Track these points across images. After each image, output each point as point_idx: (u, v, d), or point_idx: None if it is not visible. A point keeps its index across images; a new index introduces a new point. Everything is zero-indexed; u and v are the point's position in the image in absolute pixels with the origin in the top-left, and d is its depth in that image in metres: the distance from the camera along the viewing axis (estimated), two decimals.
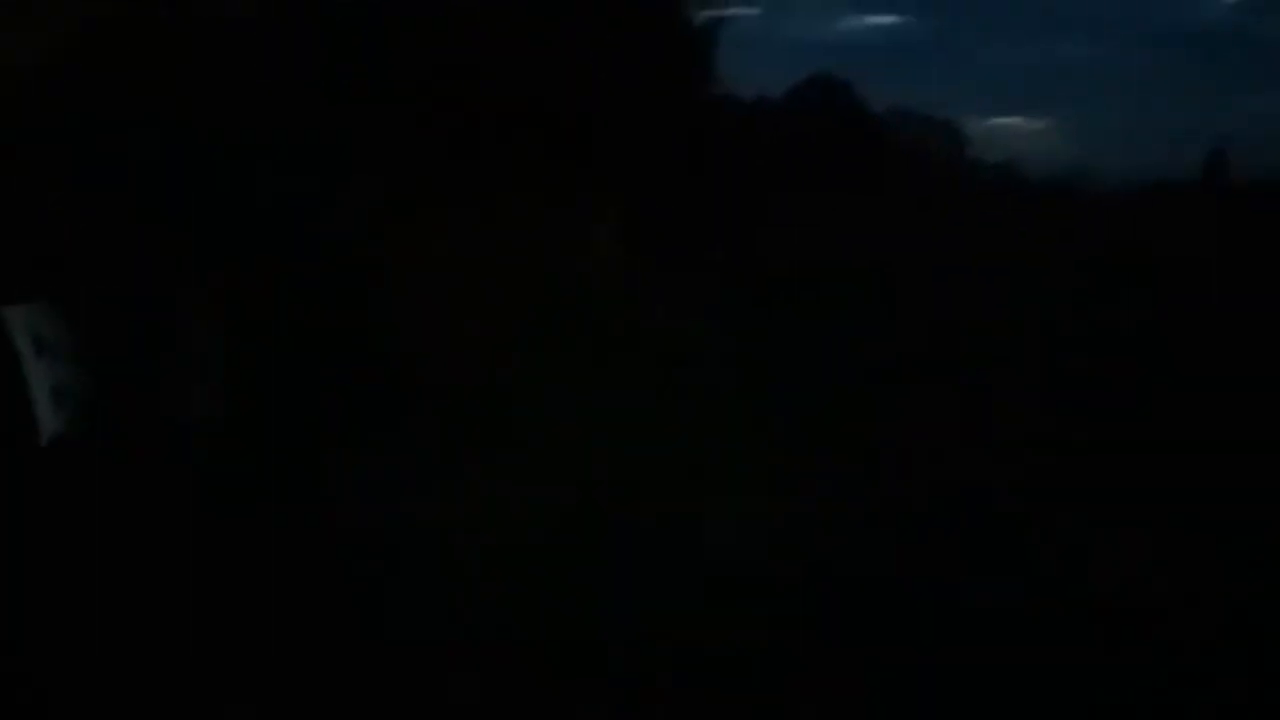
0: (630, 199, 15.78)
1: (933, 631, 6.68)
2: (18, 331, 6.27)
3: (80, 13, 8.60)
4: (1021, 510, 8.97)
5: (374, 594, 6.80)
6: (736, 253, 16.44)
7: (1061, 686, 6.11)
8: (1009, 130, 30.07)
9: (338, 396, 8.82)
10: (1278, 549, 8.00)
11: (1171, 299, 17.51)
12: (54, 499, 6.27)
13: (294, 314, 8.86)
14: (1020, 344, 14.71)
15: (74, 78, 8.18)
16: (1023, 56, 30.74)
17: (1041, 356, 14.29)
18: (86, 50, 8.42)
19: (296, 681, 5.78)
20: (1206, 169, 23.25)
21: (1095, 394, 13.15)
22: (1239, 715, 5.96)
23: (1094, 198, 22.66)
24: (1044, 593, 7.30)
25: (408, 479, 8.31)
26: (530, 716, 5.80)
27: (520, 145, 14.04)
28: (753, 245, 17.16)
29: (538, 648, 6.33)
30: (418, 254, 10.98)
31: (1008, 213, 19.78)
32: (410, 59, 12.61)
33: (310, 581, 6.73)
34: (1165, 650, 6.56)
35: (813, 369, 13.42)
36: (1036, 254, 18.79)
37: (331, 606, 6.54)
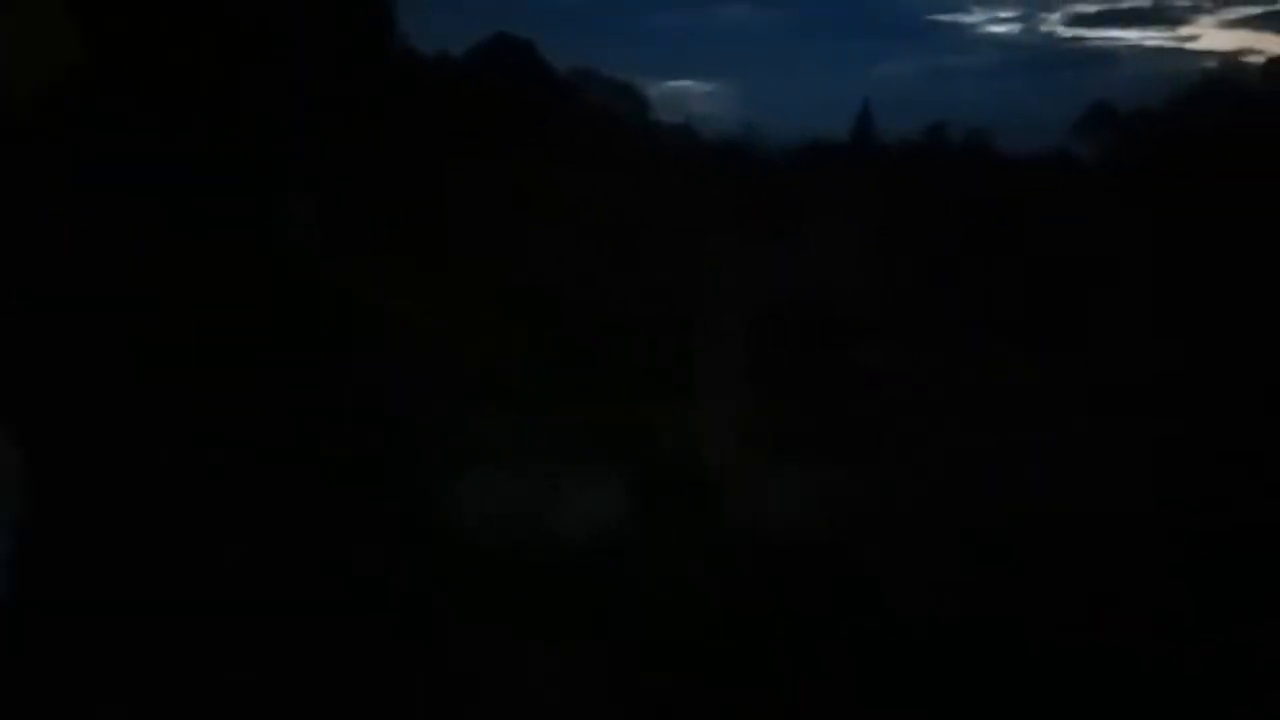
0: (320, 168, 15.23)
1: None
2: None
3: None
4: None
5: None
6: (432, 219, 16.16)
7: None
8: (683, 93, 30.65)
9: None
10: None
11: (837, 250, 18.52)
12: None
13: None
14: (723, 300, 15.17)
15: None
16: (690, 19, 31.51)
17: (744, 315, 14.77)
18: None
19: None
20: (855, 128, 24.72)
21: (783, 349, 13.70)
22: None
23: (762, 157, 23.70)
24: None
25: None
26: None
27: (201, 123, 13.46)
28: (446, 210, 16.90)
29: None
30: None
31: (691, 173, 20.30)
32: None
33: None
34: None
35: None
36: (720, 212, 19.45)
37: None
